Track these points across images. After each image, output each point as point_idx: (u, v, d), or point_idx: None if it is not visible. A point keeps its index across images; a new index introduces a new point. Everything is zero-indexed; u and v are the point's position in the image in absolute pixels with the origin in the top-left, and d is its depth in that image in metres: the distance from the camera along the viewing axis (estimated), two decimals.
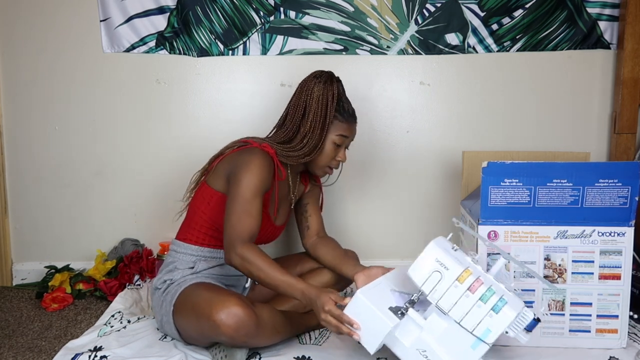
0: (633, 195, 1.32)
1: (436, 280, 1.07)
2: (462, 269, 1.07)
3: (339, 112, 1.45)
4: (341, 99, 1.46)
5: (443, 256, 1.09)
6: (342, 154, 1.50)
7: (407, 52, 1.93)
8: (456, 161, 1.93)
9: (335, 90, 1.44)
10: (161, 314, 1.39)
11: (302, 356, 1.34)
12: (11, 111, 1.96)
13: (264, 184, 1.35)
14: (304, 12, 1.90)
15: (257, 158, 1.36)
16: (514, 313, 1.04)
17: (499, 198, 1.35)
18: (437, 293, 1.07)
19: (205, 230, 1.44)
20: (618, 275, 1.36)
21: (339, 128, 1.46)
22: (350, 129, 1.49)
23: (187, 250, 1.44)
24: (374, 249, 1.99)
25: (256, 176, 1.33)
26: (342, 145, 1.49)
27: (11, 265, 2.02)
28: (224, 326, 1.20)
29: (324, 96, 1.42)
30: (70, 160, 1.98)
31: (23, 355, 1.43)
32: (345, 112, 1.46)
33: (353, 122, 1.50)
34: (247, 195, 1.32)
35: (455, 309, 1.06)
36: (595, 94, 1.95)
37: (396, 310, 1.12)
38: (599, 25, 1.91)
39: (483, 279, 1.08)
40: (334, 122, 1.45)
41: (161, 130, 1.97)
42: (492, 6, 1.90)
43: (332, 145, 1.46)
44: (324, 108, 1.42)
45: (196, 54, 1.93)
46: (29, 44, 1.92)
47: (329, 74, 1.47)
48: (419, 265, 1.10)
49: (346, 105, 1.47)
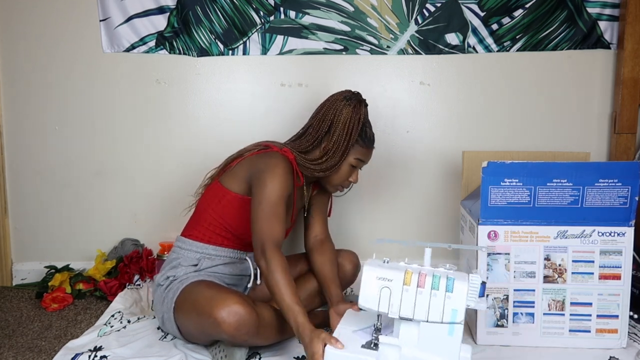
0: (633, 195, 1.32)
1: (387, 295, 1.09)
2: (403, 273, 1.08)
3: (361, 137, 1.47)
4: (365, 125, 1.49)
5: (381, 272, 1.11)
6: (355, 176, 1.52)
7: (407, 52, 1.93)
8: (456, 161, 1.93)
9: (362, 116, 1.46)
10: (162, 311, 1.39)
11: (302, 356, 1.34)
12: (11, 111, 1.96)
13: (288, 189, 1.37)
14: (304, 12, 1.90)
15: (283, 162, 1.38)
16: (465, 283, 1.06)
17: (499, 198, 1.35)
18: (394, 306, 1.08)
19: (213, 228, 1.44)
20: (618, 275, 1.36)
21: (358, 152, 1.48)
22: (369, 154, 1.52)
23: (192, 247, 1.45)
24: (373, 248, 1.99)
25: (282, 181, 1.35)
26: (357, 167, 1.51)
27: (11, 265, 2.02)
28: (225, 324, 1.20)
29: (352, 121, 1.44)
30: (70, 160, 1.98)
31: (23, 355, 1.43)
32: (367, 138, 1.49)
33: (372, 147, 1.52)
34: (274, 198, 1.33)
35: (417, 310, 1.07)
36: (595, 94, 1.95)
37: (369, 345, 1.14)
38: (599, 25, 1.91)
39: (425, 271, 1.09)
40: (355, 146, 1.47)
41: (161, 130, 1.96)
42: (492, 6, 1.90)
43: (349, 167, 1.49)
44: (349, 132, 1.44)
45: (196, 54, 1.93)
46: (28, 44, 1.92)
47: (359, 97, 1.49)
48: (366, 293, 1.11)
49: (369, 131, 1.50)
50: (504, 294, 1.39)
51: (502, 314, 1.40)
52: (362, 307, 1.12)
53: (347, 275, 1.61)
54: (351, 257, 1.62)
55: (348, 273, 1.61)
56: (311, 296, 1.52)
